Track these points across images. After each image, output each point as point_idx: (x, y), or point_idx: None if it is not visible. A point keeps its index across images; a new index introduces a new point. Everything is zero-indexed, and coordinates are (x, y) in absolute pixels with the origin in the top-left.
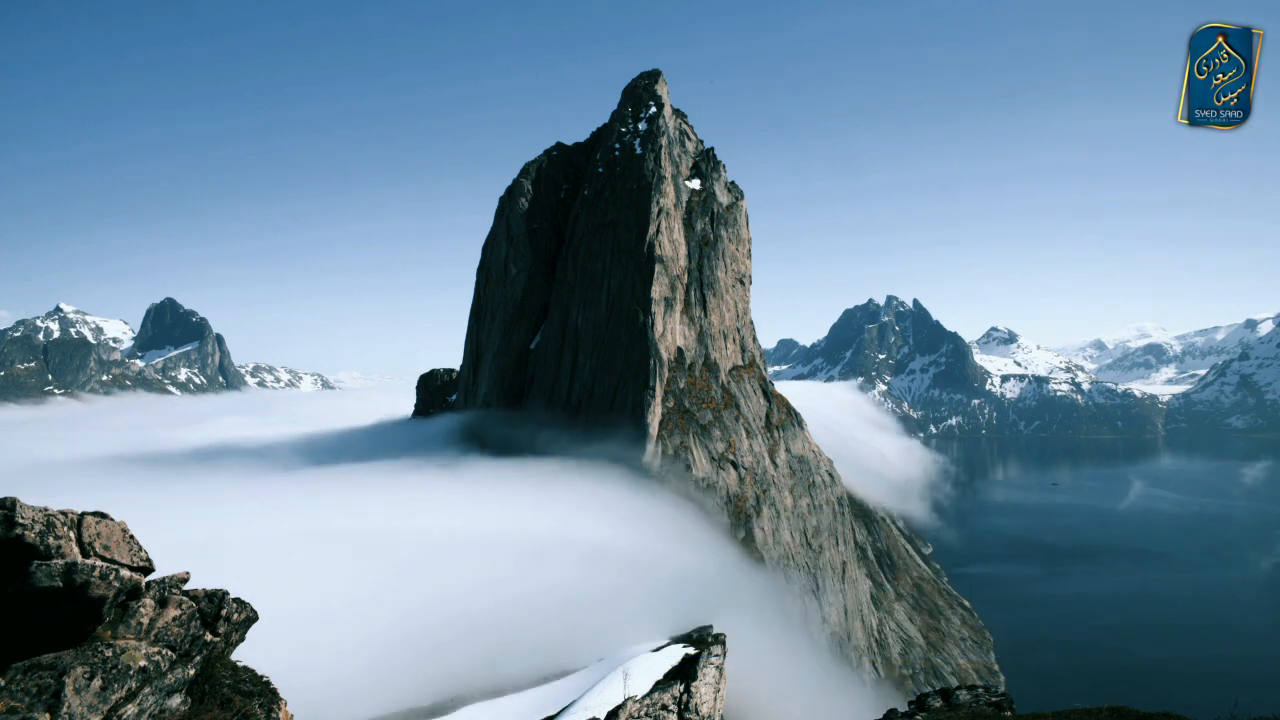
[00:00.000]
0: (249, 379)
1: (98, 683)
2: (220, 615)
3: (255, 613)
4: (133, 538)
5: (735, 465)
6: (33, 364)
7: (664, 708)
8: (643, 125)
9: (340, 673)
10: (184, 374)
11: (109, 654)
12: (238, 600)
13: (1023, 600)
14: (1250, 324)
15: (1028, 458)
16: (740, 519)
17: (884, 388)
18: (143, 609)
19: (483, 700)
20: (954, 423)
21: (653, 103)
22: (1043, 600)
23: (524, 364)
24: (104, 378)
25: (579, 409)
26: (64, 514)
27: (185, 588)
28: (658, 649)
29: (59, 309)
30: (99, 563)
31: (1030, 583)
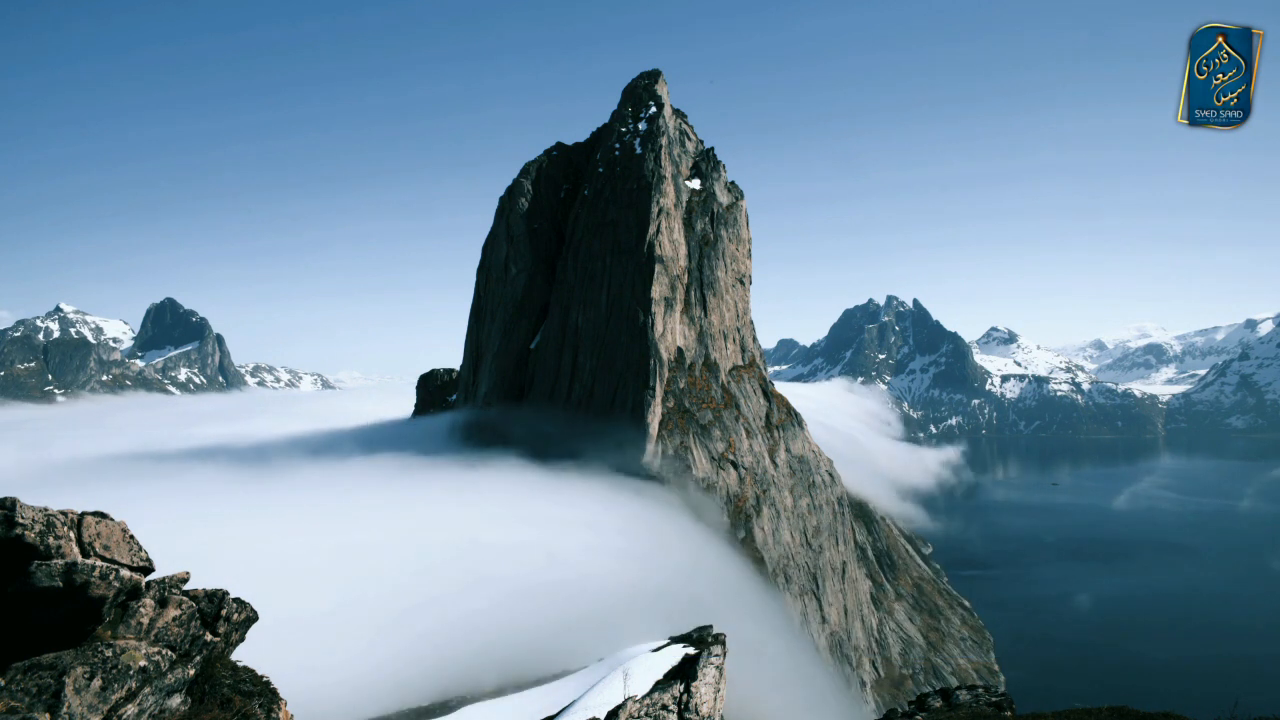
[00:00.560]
0: (249, 379)
1: (98, 683)
2: (220, 615)
3: (255, 613)
4: (133, 538)
5: (735, 465)
6: (33, 364)
7: (664, 708)
8: (643, 125)
9: (340, 673)
10: (184, 374)
11: (109, 654)
12: (238, 600)
13: (1023, 600)
14: (1250, 324)
15: (1028, 458)
16: (740, 519)
17: (884, 388)
18: (143, 609)
19: (483, 700)
20: (954, 423)
21: (653, 103)
22: (1043, 600)
23: (524, 364)
24: (104, 378)
25: (579, 409)
26: (64, 514)
27: (185, 588)
28: (658, 649)
29: (59, 309)
30: (99, 563)
31: (1030, 583)
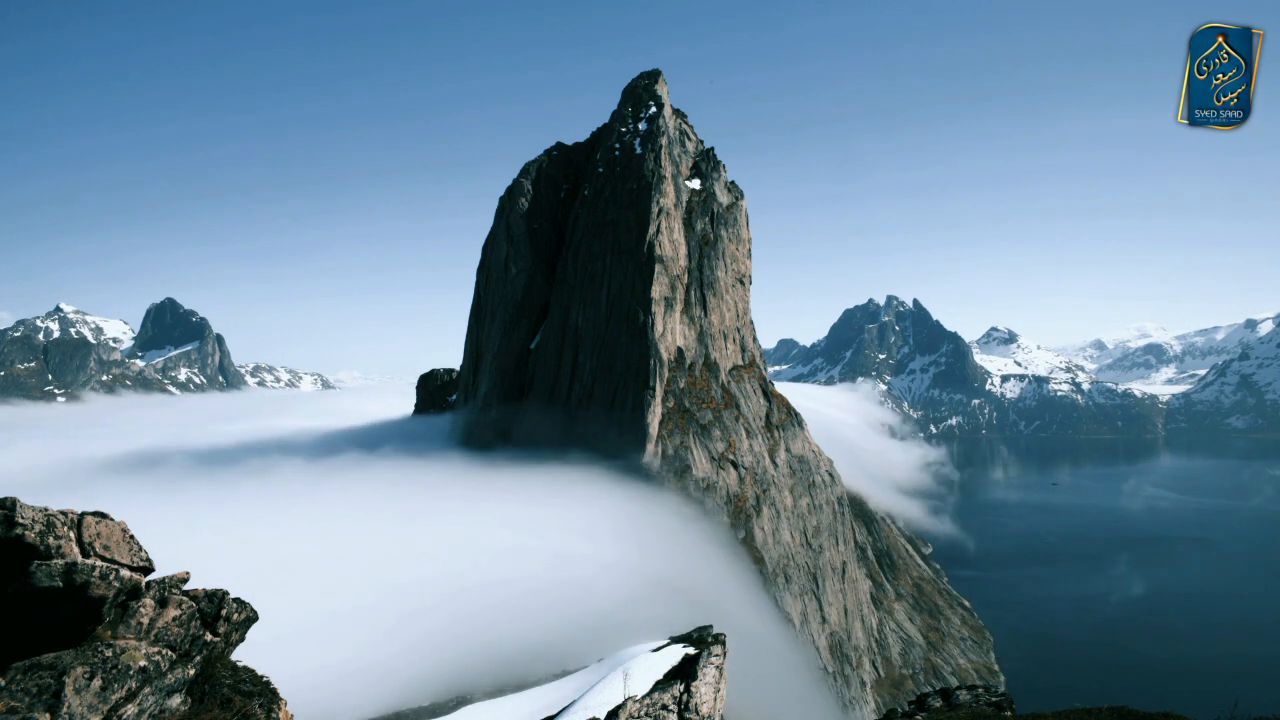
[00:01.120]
0: (249, 379)
1: (98, 683)
2: (220, 615)
3: (255, 613)
4: (133, 538)
5: (735, 465)
6: (33, 364)
7: (664, 708)
8: (643, 125)
9: (340, 673)
10: (184, 374)
11: (109, 654)
12: (238, 600)
13: (1023, 600)
14: (1250, 324)
15: (1028, 458)
16: (740, 519)
17: (884, 388)
18: (143, 609)
19: (483, 700)
20: (954, 423)
21: (653, 103)
22: (1043, 600)
23: (524, 364)
24: (104, 378)
25: (579, 408)
26: (64, 514)
27: (185, 588)
28: (658, 649)
29: (59, 309)
30: (99, 563)
31: (1030, 583)
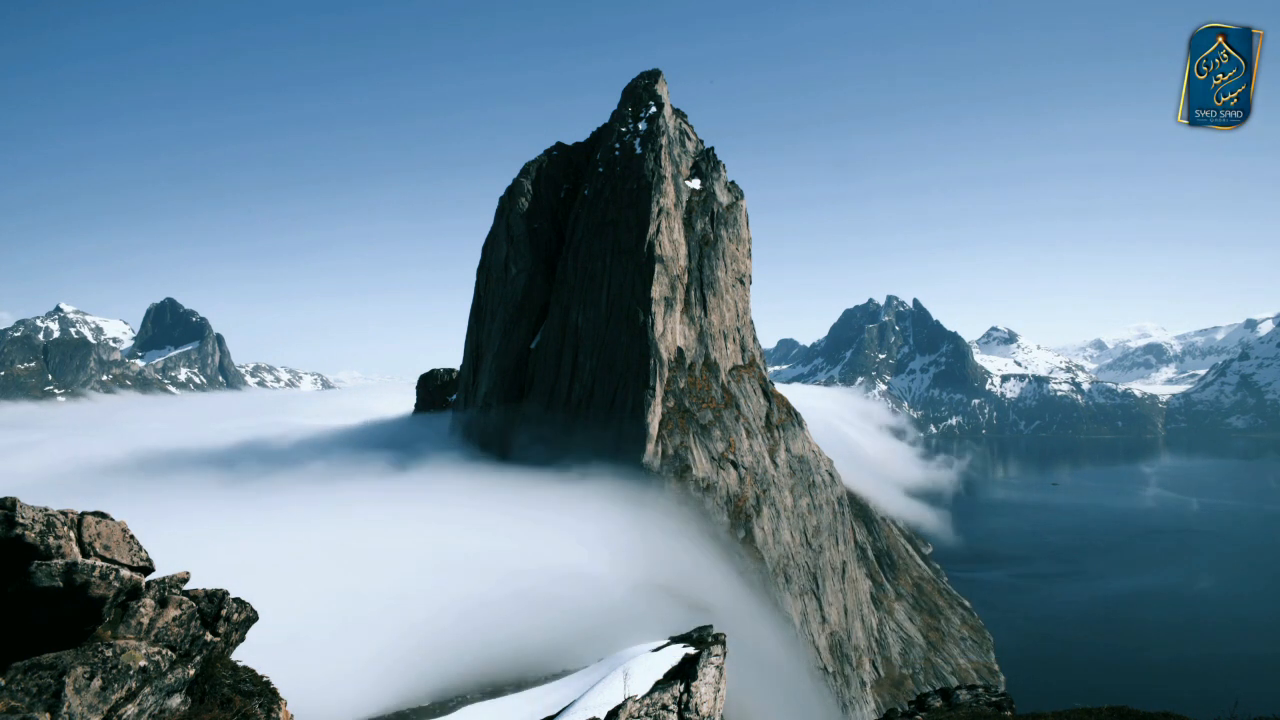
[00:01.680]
0: (249, 379)
1: (98, 683)
2: (220, 615)
3: (255, 612)
4: (133, 538)
5: (735, 465)
6: (33, 364)
7: (664, 707)
8: (643, 125)
9: (340, 673)
10: (184, 374)
11: (109, 654)
12: (238, 600)
13: (1023, 600)
14: (1250, 324)
15: (1028, 458)
16: (740, 519)
17: (884, 388)
18: (143, 609)
19: (483, 700)
20: (954, 423)
21: (653, 102)
22: (1043, 600)
23: (524, 364)
24: (104, 378)
25: (579, 409)
26: (64, 514)
27: (185, 588)
28: (658, 649)
29: (59, 309)
30: (99, 563)
31: (1030, 583)
